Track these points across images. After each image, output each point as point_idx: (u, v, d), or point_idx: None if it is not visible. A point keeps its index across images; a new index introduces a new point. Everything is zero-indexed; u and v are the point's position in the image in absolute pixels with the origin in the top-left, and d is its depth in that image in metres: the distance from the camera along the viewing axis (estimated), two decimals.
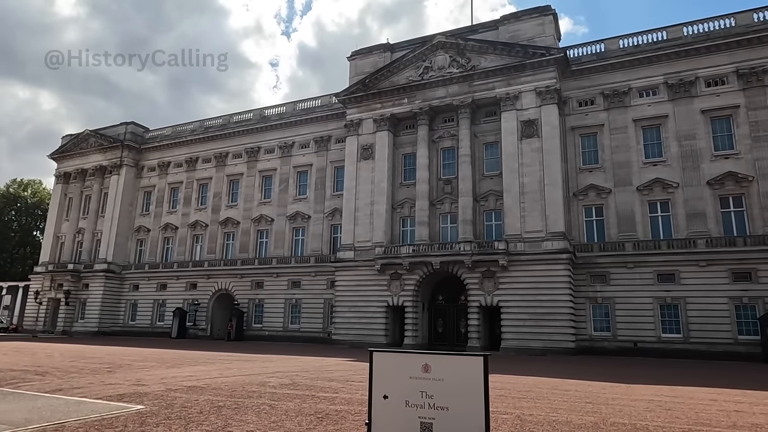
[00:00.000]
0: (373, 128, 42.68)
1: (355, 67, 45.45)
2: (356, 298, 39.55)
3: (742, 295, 31.35)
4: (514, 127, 37.37)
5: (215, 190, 53.27)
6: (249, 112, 54.80)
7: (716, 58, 34.95)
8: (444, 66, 40.59)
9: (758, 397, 13.40)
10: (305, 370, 18.58)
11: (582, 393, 13.31)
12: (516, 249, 35.07)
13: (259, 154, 51.69)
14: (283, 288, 46.33)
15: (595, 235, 36.38)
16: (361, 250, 40.44)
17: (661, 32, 37.18)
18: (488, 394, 5.15)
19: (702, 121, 34.76)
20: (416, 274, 37.82)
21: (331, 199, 46.31)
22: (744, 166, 33.15)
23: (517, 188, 36.19)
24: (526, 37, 38.61)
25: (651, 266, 33.71)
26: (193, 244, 53.46)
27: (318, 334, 43.20)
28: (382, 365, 5.79)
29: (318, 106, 49.96)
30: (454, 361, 5.55)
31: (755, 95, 33.68)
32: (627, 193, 35.65)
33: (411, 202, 40.57)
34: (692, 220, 33.58)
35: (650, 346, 32.44)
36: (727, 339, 31.10)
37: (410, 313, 37.66)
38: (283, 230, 48.25)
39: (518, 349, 32.88)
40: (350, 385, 13.80)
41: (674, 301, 32.80)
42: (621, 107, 37.13)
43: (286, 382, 14.20)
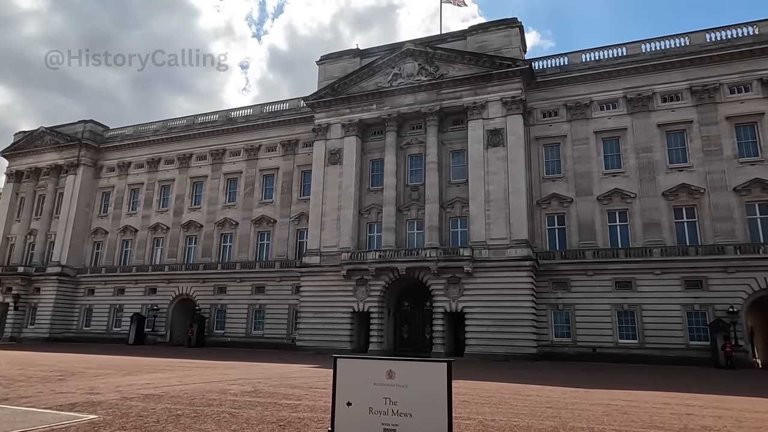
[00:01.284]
0: (342, 133, 42.60)
1: (324, 72, 45.31)
2: (322, 303, 39.22)
3: (693, 302, 32.71)
4: (480, 136, 37.98)
5: (178, 192, 51.96)
6: (215, 113, 53.80)
7: (671, 75, 36.54)
8: (413, 73, 40.95)
9: (708, 400, 13.97)
10: (268, 377, 18.25)
11: (543, 398, 13.56)
12: (481, 256, 35.56)
13: (225, 156, 50.76)
14: (247, 293, 45.50)
15: (557, 243, 37.28)
16: (327, 256, 40.16)
17: (622, 48, 38.62)
18: (451, 400, 5.16)
19: (658, 135, 36.21)
20: (382, 279, 37.82)
21: (298, 204, 45.87)
22: (696, 178, 34.69)
23: (483, 196, 36.75)
24: (493, 48, 39.41)
25: (609, 274, 34.77)
26: (153, 247, 51.91)
27: (282, 341, 42.58)
28: (346, 372, 5.74)
29: (286, 110, 49.51)
30: (418, 368, 5.56)
31: (707, 111, 35.34)
32: (588, 203, 36.72)
33: (378, 208, 40.63)
34: (648, 229, 34.85)
35: (608, 351, 33.39)
36: (680, 345, 32.35)
37: (376, 319, 37.59)
38: (247, 234, 47.45)
39: (482, 354, 33.26)
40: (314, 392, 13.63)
41: (631, 308, 33.91)
42: (583, 119, 38.30)
43: (248, 390, 13.90)
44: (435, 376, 5.28)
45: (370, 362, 5.88)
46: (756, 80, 34.58)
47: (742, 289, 31.96)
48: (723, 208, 33.48)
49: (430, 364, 5.53)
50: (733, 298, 31.79)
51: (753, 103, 34.54)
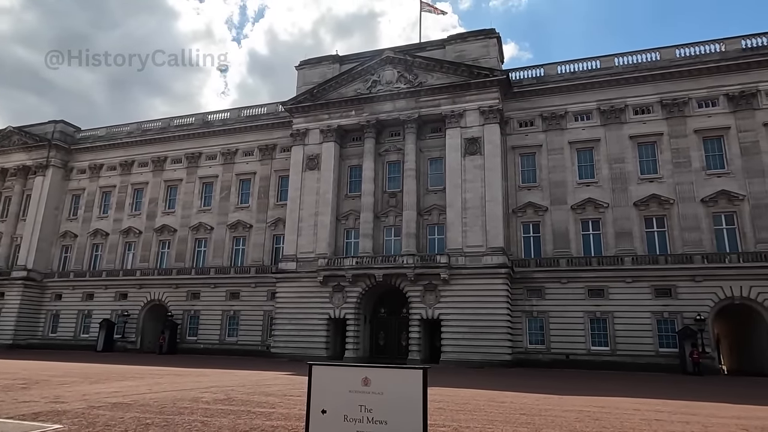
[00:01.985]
0: (320, 139, 42.48)
1: (303, 77, 45.19)
2: (297, 310, 38.85)
3: (663, 309, 33.51)
4: (458, 144, 38.35)
5: (151, 195, 50.95)
6: (191, 116, 53.06)
7: (643, 88, 37.59)
8: (392, 81, 41.16)
9: (676, 406, 14.28)
10: (241, 384, 17.94)
11: (517, 405, 13.66)
12: (457, 263, 35.79)
13: (200, 159, 50.04)
14: (221, 299, 44.79)
15: (532, 250, 37.79)
16: (303, 262, 39.86)
17: (596, 61, 39.58)
18: (427, 408, 5.15)
19: (630, 146, 37.14)
20: (359, 286, 37.70)
21: (275, 209, 45.46)
22: (666, 189, 35.66)
23: (460, 203, 37.05)
24: (471, 57, 39.92)
25: (583, 282, 35.38)
26: (124, 251, 50.73)
27: (256, 347, 41.99)
28: (322, 379, 5.68)
29: (264, 114, 49.15)
30: (393, 375, 5.53)
31: (677, 124, 36.44)
32: (562, 212, 37.36)
33: (356, 214, 40.56)
34: (620, 238, 35.62)
35: (581, 358, 33.90)
36: (650, 351, 33.06)
37: (352, 325, 37.41)
38: (222, 239, 46.78)
39: (457, 361, 33.38)
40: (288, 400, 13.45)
41: (603, 316, 34.53)
42: (558, 129, 39.03)
43: (221, 398, 13.64)
44: (411, 383, 5.26)
45: (345, 369, 5.82)
46: (722, 95, 35.83)
47: (709, 298, 32.89)
48: (691, 218, 34.47)
49: (406, 371, 5.51)
50: (701, 306, 32.69)
51: (719, 118, 35.75)
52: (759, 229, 33.07)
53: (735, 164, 34.65)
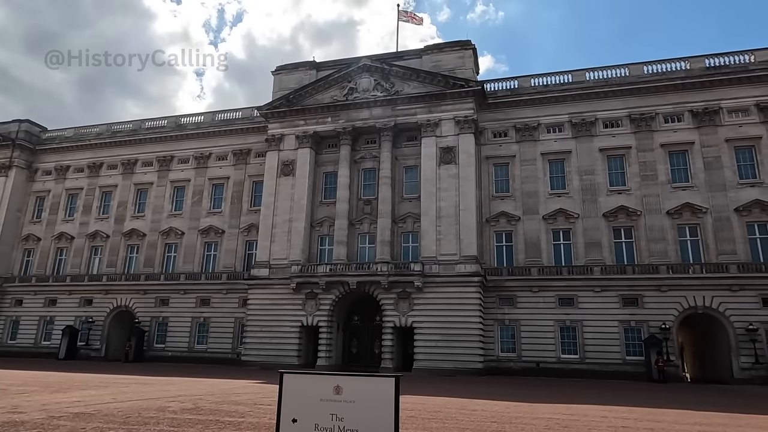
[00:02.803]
0: (295, 144, 42.24)
1: (280, 82, 44.96)
2: (269, 317, 38.34)
3: (630, 318, 34.33)
4: (433, 153, 38.67)
5: (120, 198, 49.70)
6: (163, 118, 52.09)
7: (613, 102, 38.69)
8: (369, 88, 41.31)
9: (642, 413, 14.61)
10: (210, 393, 17.56)
11: (488, 413, 13.75)
12: (431, 271, 35.95)
13: (173, 163, 49.12)
14: (191, 306, 43.86)
15: (505, 259, 38.27)
16: (276, 268, 39.43)
17: (568, 75, 40.56)
18: (398, 416, 5.14)
19: (600, 159, 38.10)
20: (332, 293, 37.48)
21: (248, 214, 44.90)
22: (634, 201, 36.66)
23: (434, 212, 37.30)
24: (447, 68, 40.41)
25: (553, 290, 35.97)
26: (90, 256, 49.25)
27: (227, 355, 41.21)
28: (293, 387, 5.60)
29: (238, 118, 48.61)
30: (365, 383, 5.50)
31: (644, 138, 37.57)
32: (534, 221, 37.98)
33: (330, 221, 40.38)
34: (590, 248, 36.41)
35: (551, 366, 34.39)
36: (617, 359, 33.78)
37: (324, 333, 37.12)
38: (193, 244, 45.89)
39: (430, 369, 33.43)
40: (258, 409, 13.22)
41: (572, 324, 35.16)
42: (531, 141, 39.77)
43: (189, 407, 13.31)
44: (383, 391, 5.24)
45: (317, 377, 5.76)
46: (687, 111, 37.15)
47: (674, 307, 33.86)
48: (657, 229, 35.50)
49: (378, 380, 5.49)
50: (666, 316, 33.61)
51: (684, 133, 37.03)
52: (721, 241, 34.26)
53: (699, 178, 35.89)
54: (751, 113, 35.99)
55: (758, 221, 34.26)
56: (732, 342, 32.51)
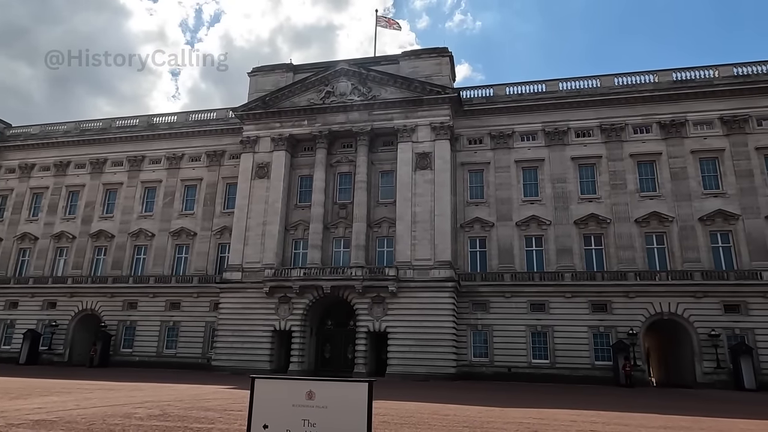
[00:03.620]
0: (271, 147, 41.86)
1: (256, 84, 44.53)
2: (241, 321, 37.77)
3: (599, 324, 35.06)
4: (409, 158, 38.85)
5: (88, 199, 48.32)
6: (135, 117, 50.95)
7: (584, 112, 39.60)
8: (346, 93, 41.29)
9: (609, 417, 14.91)
10: (179, 399, 17.16)
11: (460, 417, 13.81)
12: (406, 276, 36.03)
13: (144, 163, 48.05)
14: (160, 309, 42.88)
15: (478, 265, 38.64)
16: (249, 272, 38.91)
17: (542, 85, 41.36)
18: (371, 421, 5.11)
19: (572, 167, 38.91)
20: (306, 297, 37.18)
21: (221, 217, 44.22)
22: (604, 209, 37.53)
23: (410, 217, 37.43)
24: (424, 74, 40.72)
25: (525, 296, 36.48)
26: (55, 257, 47.70)
27: (197, 360, 40.40)
28: (264, 393, 5.52)
29: (213, 119, 47.92)
30: (338, 388, 5.45)
31: (614, 148, 38.55)
32: (507, 228, 38.49)
33: (305, 225, 40.11)
34: (561, 255, 37.08)
35: (522, 371, 34.82)
36: (586, 364, 34.44)
37: (297, 338, 36.76)
38: (164, 247, 44.92)
39: (403, 374, 33.44)
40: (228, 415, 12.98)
41: (544, 329, 35.70)
42: (505, 148, 40.35)
43: (156, 413, 12.97)
44: (356, 396, 5.21)
45: (289, 383, 5.69)
46: (655, 123, 38.29)
47: (641, 313, 34.74)
48: (626, 237, 36.40)
49: (351, 385, 5.45)
50: (633, 321, 34.46)
51: (652, 144, 38.15)
52: (686, 249, 35.36)
53: (665, 188, 36.99)
54: (715, 126, 37.34)
55: (721, 230, 35.49)
56: (695, 347, 33.53)
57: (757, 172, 35.76)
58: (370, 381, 5.23)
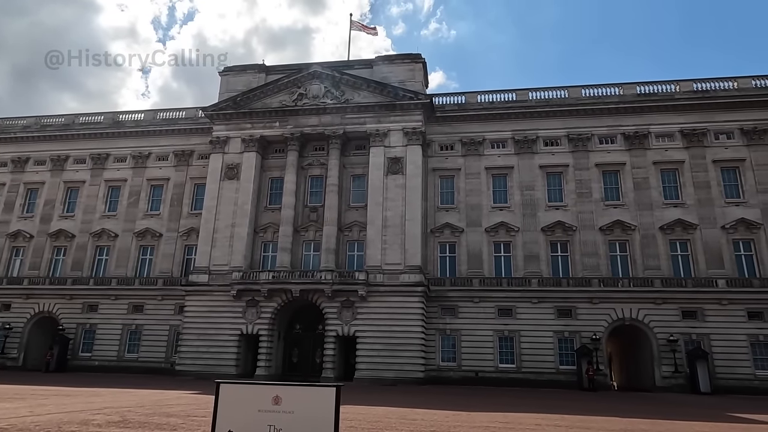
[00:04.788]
0: (241, 148, 41.28)
1: (227, 84, 43.89)
2: (207, 325, 37.00)
3: (564, 329, 35.81)
4: (381, 163, 38.93)
5: (48, 197, 46.56)
6: (99, 114, 49.44)
7: (553, 122, 40.53)
8: (318, 95, 41.12)
9: (572, 420, 15.22)
10: (140, 404, 16.66)
11: (427, 422, 13.85)
12: (375, 280, 36.01)
13: (108, 161, 46.65)
14: (122, 312, 41.60)
15: (448, 270, 38.95)
16: (216, 274, 38.18)
17: (512, 94, 42.16)
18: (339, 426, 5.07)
19: (540, 175, 39.72)
20: (275, 301, 36.73)
21: (188, 218, 43.28)
22: (570, 216, 38.43)
23: (381, 221, 37.47)
24: (398, 79, 40.94)
25: (493, 301, 36.96)
26: (11, 257, 45.72)
27: (160, 365, 39.34)
28: (229, 398, 5.41)
29: (182, 118, 46.94)
30: (305, 393, 5.40)
31: (580, 157, 39.57)
32: (477, 234, 38.96)
33: (275, 227, 39.65)
34: (528, 261, 37.75)
35: (489, 375, 35.22)
36: (551, 369, 35.09)
37: (265, 342, 36.25)
38: (128, 248, 43.64)
39: (371, 379, 33.35)
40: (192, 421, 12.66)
41: (510, 334, 36.23)
42: (476, 155, 40.89)
43: (115, 419, 12.54)
44: (323, 401, 5.16)
45: (255, 387, 5.60)
46: (620, 134, 39.50)
47: (604, 319, 35.65)
48: (590, 244, 37.36)
49: (319, 389, 5.40)
50: (596, 327, 35.34)
51: (617, 154, 39.33)
52: (647, 256, 36.52)
53: (629, 197, 38.16)
54: (676, 139, 38.78)
55: (680, 239, 36.82)
56: (655, 352, 34.61)
57: (714, 184, 37.28)
58: (338, 386, 5.19)
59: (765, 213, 35.98)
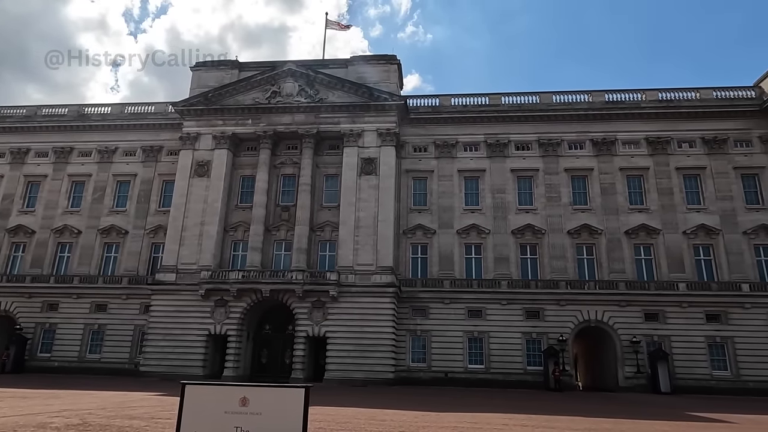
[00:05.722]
0: (212, 145, 40.56)
1: (199, 79, 43.05)
2: (174, 325, 36.18)
3: (532, 330, 36.44)
4: (354, 163, 38.84)
5: (6, 191, 44.72)
6: (64, 106, 47.74)
7: (524, 126, 41.21)
8: (292, 94, 40.76)
9: (539, 420, 15.49)
10: (102, 407, 16.16)
11: (396, 422, 13.87)
12: (347, 281, 35.90)
13: (72, 155, 45.12)
14: (85, 311, 40.30)
15: (419, 271, 39.14)
16: (185, 273, 37.39)
17: (485, 97, 42.71)
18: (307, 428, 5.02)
19: (511, 179, 40.34)
20: (244, 301, 36.20)
21: (156, 215, 42.25)
22: (539, 220, 39.14)
23: (353, 222, 37.39)
24: (372, 80, 40.93)
25: (464, 302, 37.32)
26: None
27: (123, 366, 38.27)
28: (195, 399, 5.29)
29: (151, 113, 45.78)
30: (274, 394, 5.33)
31: (550, 162, 40.36)
32: (449, 235, 39.28)
33: (245, 226, 39.09)
34: (498, 263, 38.28)
35: (458, 376, 35.53)
36: (519, 369, 35.65)
37: (233, 342, 35.68)
38: (91, 245, 42.30)
39: (341, 380, 33.22)
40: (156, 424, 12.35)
41: (480, 335, 36.65)
42: (449, 157, 41.24)
43: (75, 422, 12.12)
44: (291, 402, 5.10)
45: (222, 389, 5.49)
46: (588, 140, 40.46)
47: (570, 320, 36.44)
48: (559, 248, 38.13)
49: (287, 390, 5.34)
50: (563, 328, 36.09)
51: (585, 159, 40.27)
52: (612, 260, 37.51)
53: (596, 202, 39.12)
54: (641, 146, 39.96)
55: (643, 243, 37.95)
56: (618, 353, 35.56)
57: (676, 191, 38.57)
58: (307, 386, 5.14)
59: (724, 219, 37.44)
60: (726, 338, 34.89)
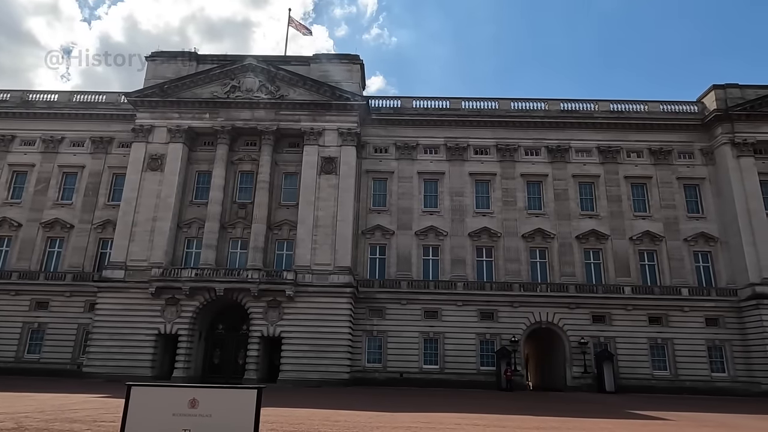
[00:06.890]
0: (167, 138, 39.26)
1: (154, 70, 41.57)
2: (121, 324, 34.78)
3: (486, 331, 37.20)
4: (314, 162, 38.53)
5: None
6: (5, 92, 45.05)
7: (483, 132, 42.05)
8: (252, 89, 40.02)
9: (490, 419, 15.82)
10: (39, 409, 15.32)
11: (351, 423, 13.84)
12: (304, 280, 35.55)
13: (13, 144, 42.67)
14: (23, 309, 38.16)
15: (377, 272, 39.25)
16: (134, 270, 36.02)
17: (446, 101, 43.29)
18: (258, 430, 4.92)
19: (469, 182, 41.06)
20: (197, 300, 35.23)
21: (105, 209, 40.52)
22: (496, 223, 40.02)
23: (312, 221, 37.07)
24: (335, 79, 40.70)
25: (420, 303, 37.68)
26: None
27: (65, 366, 36.48)
28: (141, 401, 5.10)
29: (102, 102, 43.87)
30: (224, 396, 5.20)
31: (507, 167, 41.34)
32: (407, 237, 39.57)
33: (200, 223, 38.07)
34: (455, 265, 38.86)
35: (414, 376, 35.83)
36: (472, 370, 36.32)
37: (184, 342, 34.66)
38: (32, 239, 40.11)
39: (296, 380, 32.86)
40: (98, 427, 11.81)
41: (435, 336, 37.10)
42: (409, 159, 41.56)
43: (9, 426, 11.44)
44: (243, 404, 5.00)
45: (170, 390, 5.32)
46: (544, 147, 41.70)
47: (523, 322, 37.43)
48: (513, 251, 39.11)
49: (239, 392, 5.23)
50: (516, 329, 37.03)
51: (540, 166, 41.48)
52: (563, 264, 38.80)
53: (549, 207, 40.37)
54: (593, 154, 41.54)
55: (593, 248, 39.45)
56: (567, 354, 36.81)
57: (624, 198, 40.32)
58: (259, 388, 5.05)
59: (667, 227, 39.41)
60: (666, 340, 36.74)
